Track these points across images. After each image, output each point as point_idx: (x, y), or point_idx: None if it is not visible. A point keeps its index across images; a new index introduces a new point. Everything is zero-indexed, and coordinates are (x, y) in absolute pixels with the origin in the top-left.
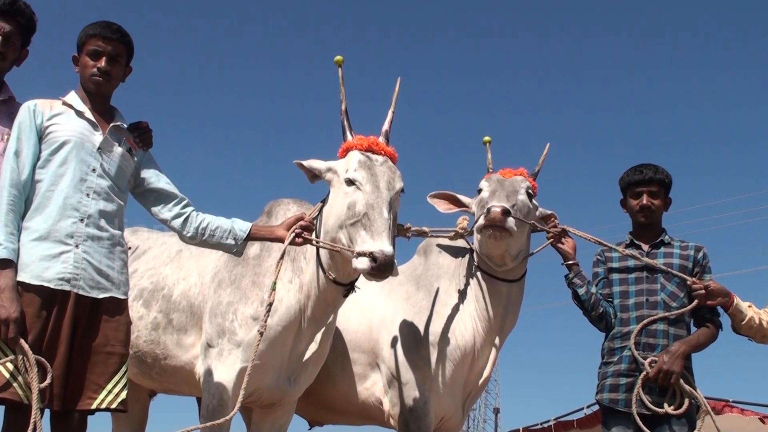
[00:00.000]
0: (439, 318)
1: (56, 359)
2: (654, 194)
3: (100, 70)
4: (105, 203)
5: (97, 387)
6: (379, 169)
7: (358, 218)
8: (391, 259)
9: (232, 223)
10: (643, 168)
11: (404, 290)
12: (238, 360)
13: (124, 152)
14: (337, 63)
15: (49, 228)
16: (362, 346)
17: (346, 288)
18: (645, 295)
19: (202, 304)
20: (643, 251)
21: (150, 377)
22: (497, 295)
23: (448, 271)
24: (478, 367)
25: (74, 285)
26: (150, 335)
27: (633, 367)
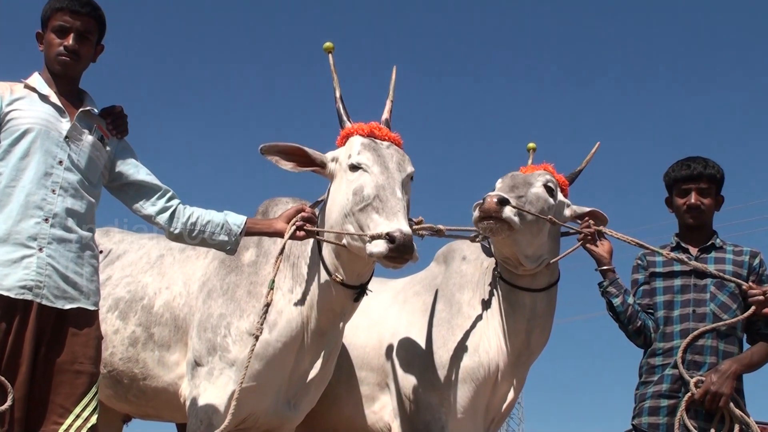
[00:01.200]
0: (460, 333)
1: (17, 379)
2: (703, 192)
3: (68, 49)
4: (73, 200)
5: (63, 410)
6: (386, 151)
7: (368, 201)
8: (411, 240)
9: (224, 216)
10: (690, 162)
11: (421, 301)
12: (230, 381)
13: (95, 141)
14: (326, 50)
15: (8, 229)
16: (371, 363)
17: (357, 291)
18: (692, 305)
19: (189, 317)
20: (690, 255)
21: (126, 400)
22: (520, 307)
23: (472, 281)
24: (502, 389)
25: (37, 294)
26: (127, 352)
27: (676, 387)
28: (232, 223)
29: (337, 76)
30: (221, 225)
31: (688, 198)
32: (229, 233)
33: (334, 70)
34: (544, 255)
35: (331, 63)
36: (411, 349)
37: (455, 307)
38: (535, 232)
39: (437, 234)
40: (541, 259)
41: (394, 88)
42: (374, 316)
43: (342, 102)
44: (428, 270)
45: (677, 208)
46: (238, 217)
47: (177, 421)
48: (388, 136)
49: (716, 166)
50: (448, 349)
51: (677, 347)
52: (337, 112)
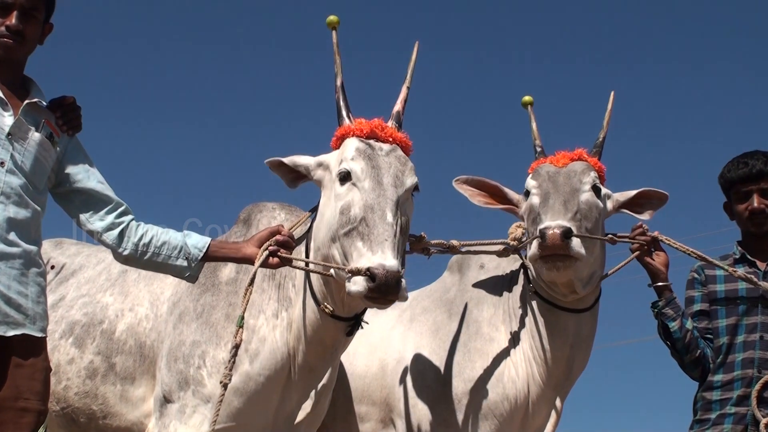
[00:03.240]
0: (479, 358)
1: None
2: (767, 193)
3: (10, 29)
4: (16, 209)
5: None
6: (383, 160)
7: (354, 225)
8: (396, 277)
9: (184, 237)
10: (748, 159)
11: (431, 319)
12: (206, 420)
13: (42, 139)
14: (330, 25)
15: None
16: (372, 396)
17: (350, 324)
18: (759, 330)
19: (157, 344)
20: (759, 271)
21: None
22: (561, 331)
23: (493, 294)
24: (535, 424)
25: None
26: (84, 385)
27: (740, 429)
28: (192, 245)
29: (340, 59)
30: (179, 248)
31: (750, 201)
32: (188, 257)
33: (337, 51)
34: (597, 271)
35: (334, 41)
36: (420, 378)
37: (473, 327)
38: (591, 251)
39: (451, 251)
40: (594, 277)
41: (413, 71)
42: (375, 339)
43: (343, 92)
44: (440, 281)
45: (738, 215)
46: (201, 239)
47: None
48: (392, 137)
49: None
50: (465, 378)
51: (738, 379)
52: (336, 104)
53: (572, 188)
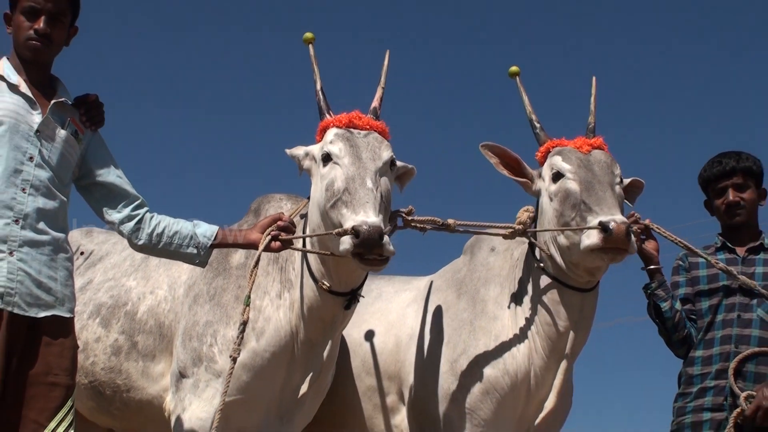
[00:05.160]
0: (484, 335)
1: None
2: (740, 187)
3: (39, 33)
4: (45, 200)
5: (37, 426)
6: (361, 140)
7: (338, 196)
8: (378, 231)
9: (194, 227)
10: (722, 158)
11: (442, 298)
12: (217, 393)
13: (68, 136)
14: (306, 41)
15: None
16: (389, 371)
17: (347, 298)
18: (737, 310)
19: (174, 324)
20: (738, 257)
21: (109, 413)
22: (567, 307)
23: (500, 274)
24: (538, 397)
25: (8, 302)
26: (109, 361)
27: (720, 400)
28: (201, 234)
29: (318, 68)
30: (189, 237)
31: (726, 196)
32: (198, 246)
33: (315, 62)
34: None
35: (312, 55)
36: (428, 354)
37: (479, 306)
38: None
39: (445, 229)
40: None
41: (386, 74)
42: (392, 317)
43: (323, 94)
44: (453, 263)
45: (717, 209)
46: (209, 228)
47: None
48: (369, 125)
49: (751, 158)
50: (469, 355)
51: (717, 354)
52: (318, 105)
53: (610, 181)
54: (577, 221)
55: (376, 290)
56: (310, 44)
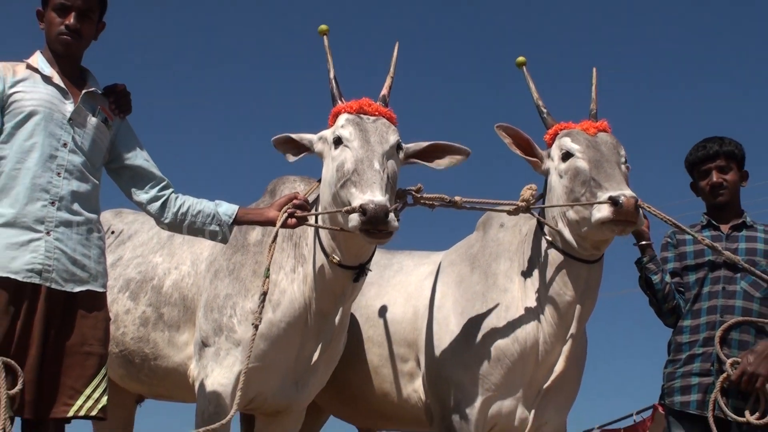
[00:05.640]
0: (495, 306)
1: (27, 362)
2: (723, 169)
3: (69, 28)
4: (78, 183)
5: (73, 392)
6: (370, 125)
7: (348, 176)
8: (384, 209)
9: (215, 206)
10: (706, 143)
11: (456, 272)
12: (237, 361)
13: (98, 123)
14: (321, 33)
15: (16, 213)
16: (407, 338)
17: (356, 272)
18: (722, 282)
19: (197, 297)
20: (722, 234)
21: (138, 380)
22: (575, 278)
23: (510, 249)
24: (548, 362)
25: (46, 278)
26: (138, 332)
27: (707, 366)
28: (222, 213)
29: (331, 58)
30: (212, 215)
31: (710, 178)
32: (220, 224)
33: (329, 52)
34: None
35: (326, 45)
36: (443, 324)
37: (491, 279)
38: None
39: (452, 206)
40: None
41: (395, 65)
42: (411, 289)
43: (335, 82)
44: (467, 239)
45: (702, 190)
46: (230, 207)
47: (189, 401)
48: (378, 111)
49: (733, 143)
50: (482, 326)
51: (704, 324)
52: (331, 92)
53: (617, 160)
54: (587, 197)
55: (397, 264)
56: (325, 35)
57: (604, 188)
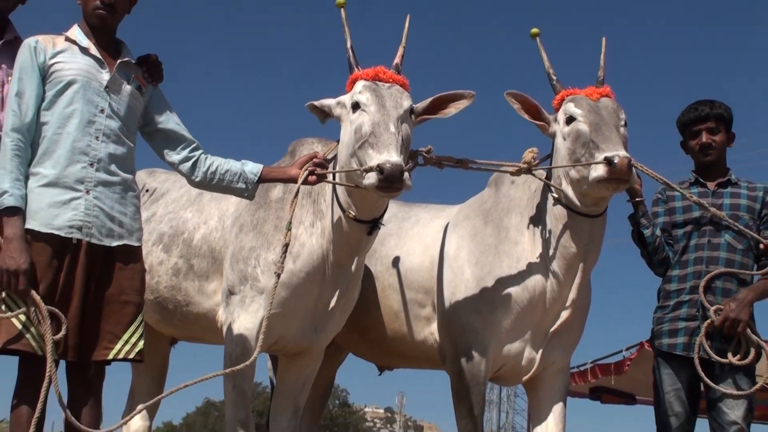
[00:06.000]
0: (506, 258)
1: (70, 310)
2: (713, 130)
3: (104, 3)
4: (115, 146)
5: (113, 337)
6: (386, 91)
7: (365, 138)
8: (400, 169)
9: (242, 165)
10: (698, 105)
11: (471, 225)
12: (261, 307)
13: (133, 90)
14: (339, 5)
15: (58, 173)
16: (425, 285)
17: (370, 226)
18: (707, 236)
19: (224, 249)
20: (708, 190)
21: (171, 324)
22: (578, 232)
23: (520, 204)
24: (555, 309)
25: (86, 233)
26: (171, 281)
27: (693, 312)
28: (248, 171)
29: (348, 29)
30: (239, 174)
31: (700, 138)
32: (246, 181)
33: (346, 23)
34: None
35: (343, 17)
36: (458, 273)
37: (503, 233)
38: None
39: (461, 165)
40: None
41: (407, 36)
42: (428, 240)
43: (352, 51)
44: (480, 194)
45: (691, 149)
46: (255, 166)
47: (218, 343)
48: (392, 78)
49: (723, 106)
50: (494, 275)
51: (691, 274)
52: (348, 60)
53: (616, 124)
54: (586, 157)
55: (414, 216)
56: (342, 8)
57: (602, 149)
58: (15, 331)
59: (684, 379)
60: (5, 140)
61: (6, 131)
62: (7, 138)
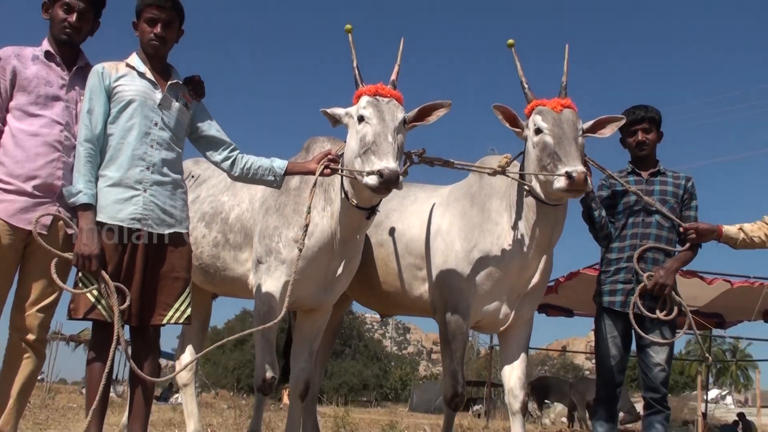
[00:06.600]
0: (489, 235)
1: (132, 285)
2: (647, 130)
3: (157, 36)
4: (166, 152)
5: (166, 305)
6: (385, 106)
7: (368, 146)
8: (396, 174)
9: (271, 162)
10: (635, 109)
11: (460, 206)
12: (283, 274)
13: (181, 107)
14: (347, 31)
15: (121, 176)
16: (422, 253)
17: (368, 212)
18: (641, 216)
19: (253, 227)
20: (642, 178)
21: (213, 284)
22: (545, 217)
23: (500, 191)
24: (526, 275)
25: (145, 224)
26: (212, 251)
27: (629, 277)
28: (276, 167)
29: (355, 51)
30: (269, 169)
31: (636, 136)
32: (275, 174)
33: (353, 46)
34: None
35: (350, 41)
36: (450, 244)
37: (486, 214)
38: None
39: (447, 165)
40: None
41: (401, 55)
42: (424, 216)
43: (358, 70)
44: (466, 180)
45: (629, 145)
46: (282, 162)
47: (248, 297)
48: (390, 94)
49: (655, 110)
50: (479, 249)
51: (628, 246)
52: (354, 77)
53: (575, 136)
54: (550, 167)
55: (412, 195)
56: (350, 33)
57: (563, 163)
58: (89, 304)
59: (620, 328)
60: (79, 149)
61: (80, 141)
62: (81, 147)
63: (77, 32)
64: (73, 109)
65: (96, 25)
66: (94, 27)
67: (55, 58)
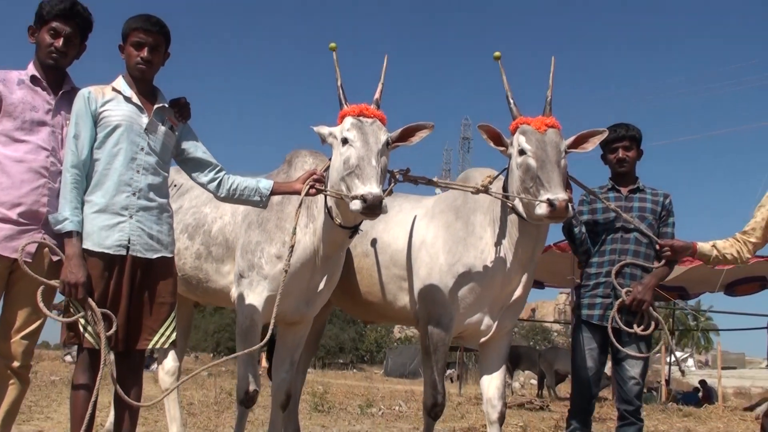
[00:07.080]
0: (473, 249)
1: (119, 311)
2: (627, 148)
3: (144, 60)
4: (152, 177)
5: (152, 330)
6: (369, 128)
7: (352, 170)
8: (379, 199)
9: (257, 182)
10: (617, 128)
11: (445, 219)
12: (265, 289)
13: (166, 131)
14: (331, 49)
15: (107, 202)
16: (405, 264)
17: (351, 231)
18: (620, 232)
19: (235, 240)
20: (622, 195)
21: (195, 294)
22: (527, 234)
23: (483, 206)
24: (509, 289)
25: (132, 249)
26: (194, 263)
27: (607, 291)
28: (262, 187)
29: (339, 70)
30: (255, 189)
31: (617, 153)
32: (260, 195)
33: (337, 65)
34: None
35: (335, 59)
36: (434, 257)
37: (470, 228)
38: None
39: (431, 184)
40: None
41: (384, 74)
42: (408, 227)
43: (342, 89)
44: (451, 192)
45: (610, 162)
46: (267, 182)
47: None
48: (374, 115)
49: (636, 128)
50: (462, 263)
51: (607, 261)
52: (338, 97)
53: (558, 159)
54: (533, 191)
55: (398, 206)
56: (334, 51)
57: (545, 189)
58: (78, 330)
59: (597, 341)
60: (65, 175)
61: (66, 167)
62: (67, 173)
63: (64, 57)
64: (59, 134)
65: (82, 49)
66: (81, 51)
67: (41, 82)
